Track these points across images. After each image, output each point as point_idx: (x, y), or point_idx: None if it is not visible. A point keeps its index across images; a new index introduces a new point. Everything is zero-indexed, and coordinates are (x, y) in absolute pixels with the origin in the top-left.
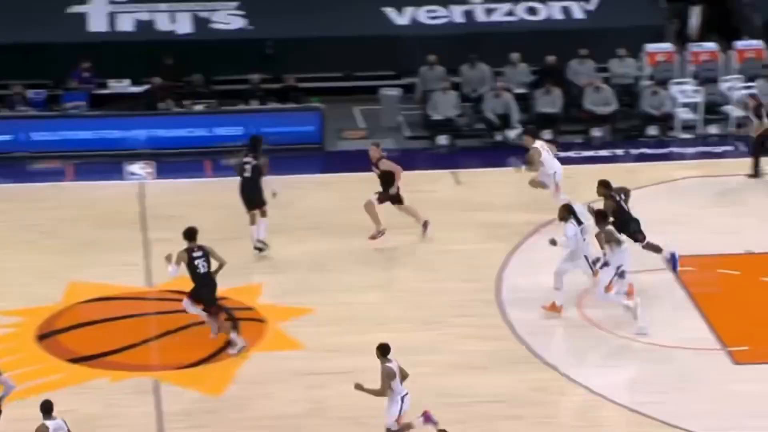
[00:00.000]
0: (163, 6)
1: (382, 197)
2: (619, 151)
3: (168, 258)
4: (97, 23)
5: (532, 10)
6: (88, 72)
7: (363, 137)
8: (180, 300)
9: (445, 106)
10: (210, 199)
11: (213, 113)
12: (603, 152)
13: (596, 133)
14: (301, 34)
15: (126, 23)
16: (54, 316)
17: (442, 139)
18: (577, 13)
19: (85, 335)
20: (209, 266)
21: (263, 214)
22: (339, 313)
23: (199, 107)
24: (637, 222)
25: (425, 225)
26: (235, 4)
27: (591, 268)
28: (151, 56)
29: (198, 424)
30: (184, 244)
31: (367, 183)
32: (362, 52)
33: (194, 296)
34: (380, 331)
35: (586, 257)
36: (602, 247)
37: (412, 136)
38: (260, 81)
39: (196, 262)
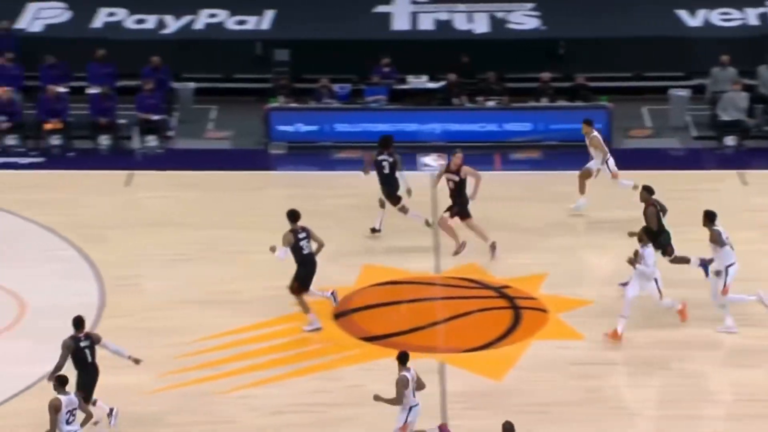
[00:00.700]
0: (461, 7)
1: (454, 212)
2: None
3: (272, 248)
4: (400, 22)
5: None
6: (389, 68)
7: (649, 136)
8: (465, 287)
9: (735, 106)
10: (498, 192)
11: (504, 109)
12: None
13: None
14: (593, 35)
15: (427, 23)
16: (349, 297)
17: (730, 140)
18: None
19: (376, 316)
20: (311, 247)
21: (382, 205)
22: (617, 306)
23: (491, 103)
24: (668, 235)
25: (493, 246)
26: (530, 5)
27: (659, 292)
28: (449, 54)
29: (477, 406)
30: (289, 226)
31: (650, 181)
32: (653, 53)
33: (297, 276)
34: (655, 326)
35: (656, 279)
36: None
37: (699, 136)
38: (550, 79)
39: (301, 243)
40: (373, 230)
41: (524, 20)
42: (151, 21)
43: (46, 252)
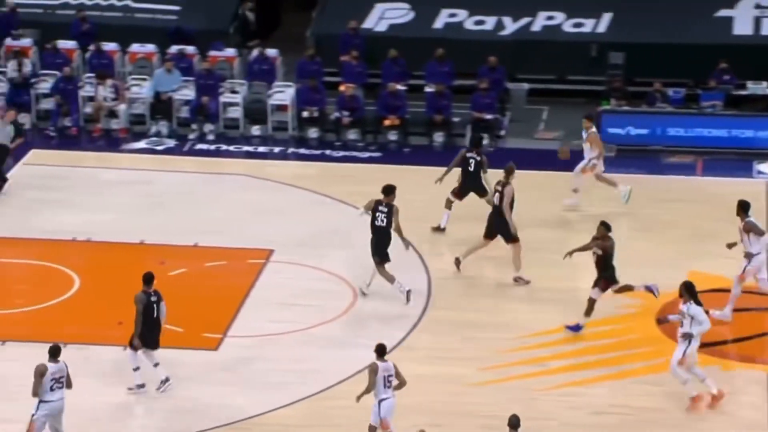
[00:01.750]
0: None
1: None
2: None
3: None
4: (742, 27)
5: None
6: (726, 73)
7: None
8: None
9: None
10: None
11: None
12: None
13: None
14: None
15: None
16: (673, 302)
17: None
18: None
19: None
20: (388, 223)
21: (448, 206)
22: None
23: None
24: (614, 270)
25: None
26: None
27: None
28: None
29: None
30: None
31: None
32: None
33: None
34: None
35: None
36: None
37: None
38: None
39: (377, 213)
40: (437, 229)
41: None
42: (489, 22)
43: None
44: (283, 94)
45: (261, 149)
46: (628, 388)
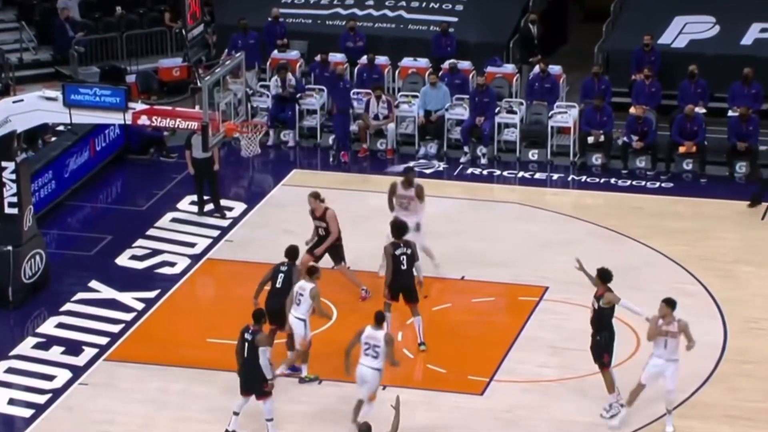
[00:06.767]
0: None
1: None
2: None
3: None
4: None
5: None
6: None
7: None
8: None
9: None
10: None
11: None
12: None
13: None
14: None
15: None
16: None
17: None
18: None
19: None
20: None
21: None
22: None
23: None
24: None
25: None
26: None
27: None
28: None
29: None
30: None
31: None
32: None
33: None
34: None
35: None
36: None
37: None
38: None
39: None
40: None
41: None
42: None
43: (671, 285)
44: (566, 115)
45: (538, 176)
46: None
